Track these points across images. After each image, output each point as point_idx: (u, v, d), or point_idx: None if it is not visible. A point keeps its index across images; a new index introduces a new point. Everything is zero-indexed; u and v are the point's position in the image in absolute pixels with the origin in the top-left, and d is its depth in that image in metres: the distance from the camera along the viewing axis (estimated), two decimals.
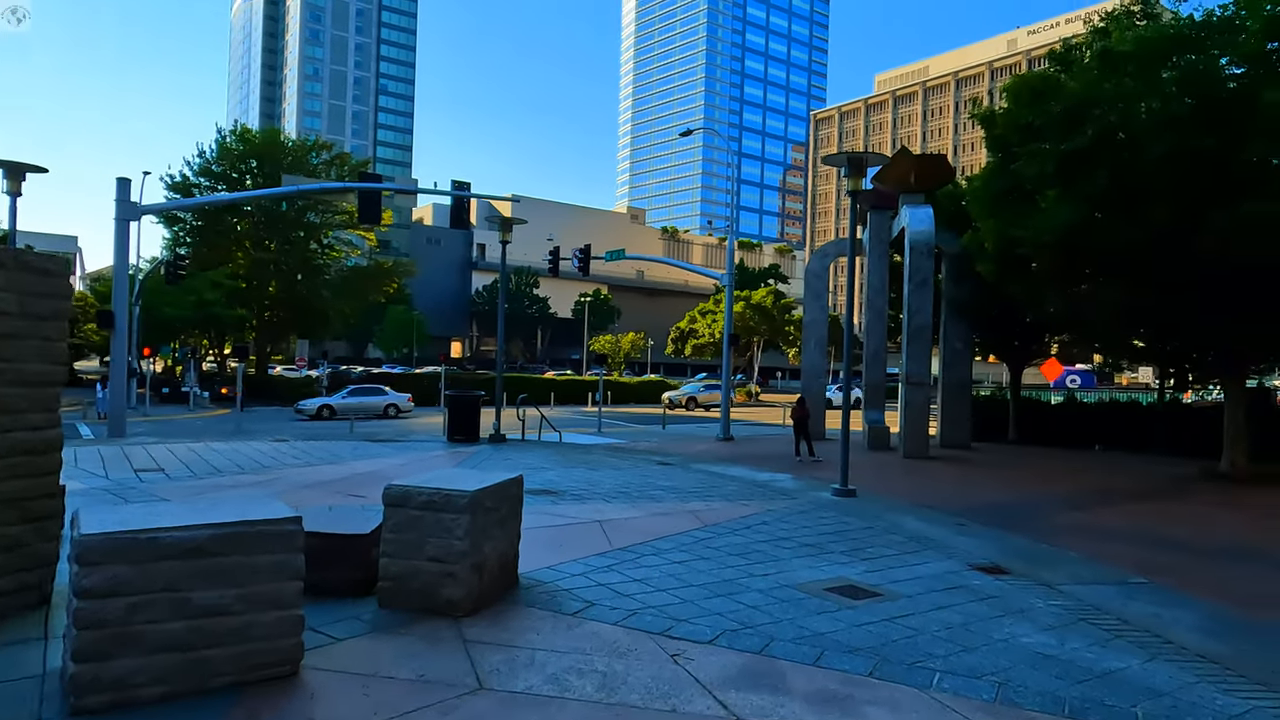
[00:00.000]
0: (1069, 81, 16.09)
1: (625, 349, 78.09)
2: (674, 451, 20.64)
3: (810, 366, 28.79)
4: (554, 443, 20.21)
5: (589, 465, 14.58)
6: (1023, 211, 17.58)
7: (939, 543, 8.72)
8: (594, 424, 30.48)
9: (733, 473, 14.33)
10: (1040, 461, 21.05)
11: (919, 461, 20.47)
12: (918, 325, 21.93)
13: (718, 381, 50.07)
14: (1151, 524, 11.51)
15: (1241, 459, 17.33)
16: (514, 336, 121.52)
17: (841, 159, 11.94)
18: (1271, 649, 5.66)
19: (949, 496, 13.79)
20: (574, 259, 32.92)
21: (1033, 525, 10.99)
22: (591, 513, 9.76)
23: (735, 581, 6.81)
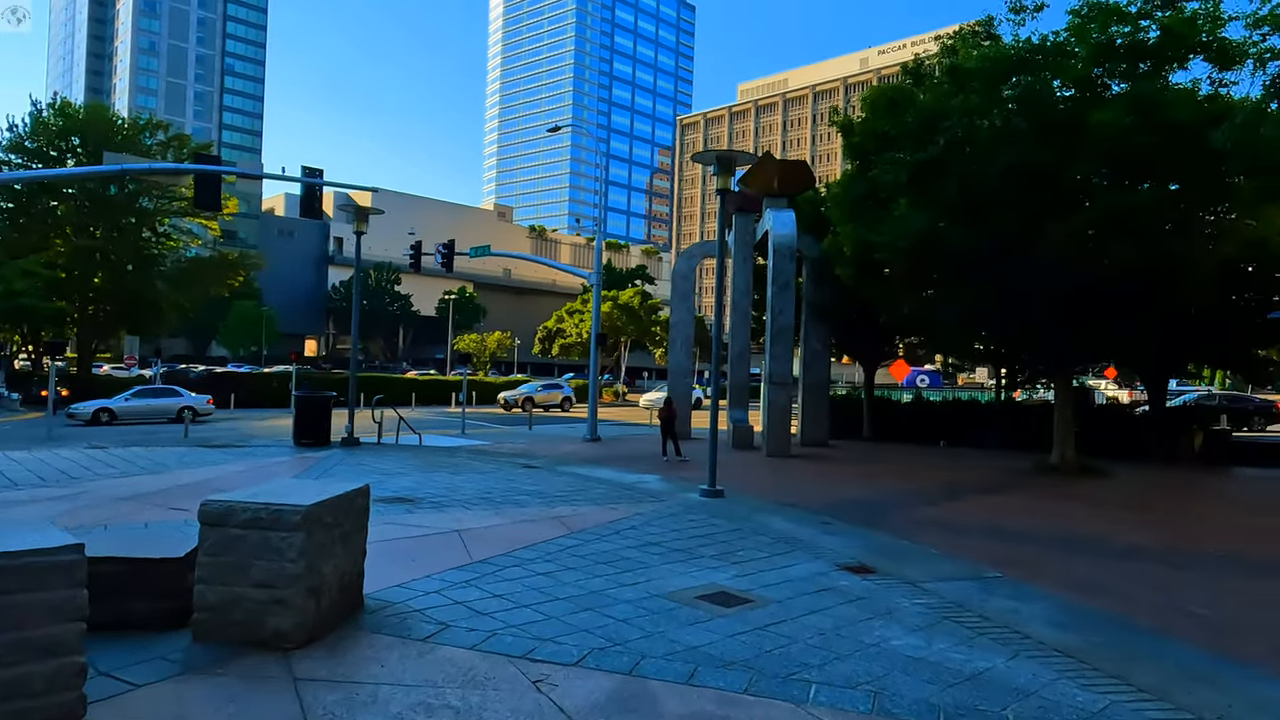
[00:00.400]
0: (921, 95, 16.81)
1: (491, 348, 76.46)
2: (541, 453, 20.10)
3: (676, 366, 28.98)
4: (413, 446, 19.19)
5: (450, 469, 13.83)
6: (879, 218, 18.24)
7: (807, 543, 8.69)
8: (458, 425, 29.43)
9: (600, 475, 13.98)
10: (893, 457, 21.98)
11: (782, 460, 20.88)
12: (780, 326, 22.39)
13: (557, 380, 49.07)
14: (998, 516, 12.08)
15: (1070, 453, 18.68)
16: (374, 335, 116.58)
17: (710, 157, 11.85)
18: (1118, 640, 5.85)
19: (812, 494, 14.03)
20: (437, 255, 31.70)
21: (893, 521, 11.26)
22: (450, 522, 9.12)
23: (604, 593, 6.42)
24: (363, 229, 18.54)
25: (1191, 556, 9.44)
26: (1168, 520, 12.26)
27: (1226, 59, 15.38)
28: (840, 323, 27.04)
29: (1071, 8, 16.73)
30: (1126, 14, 16.06)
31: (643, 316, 66.15)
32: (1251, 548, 10.13)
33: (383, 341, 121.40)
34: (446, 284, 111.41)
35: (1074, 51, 16.46)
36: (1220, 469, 21.20)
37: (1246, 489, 17.18)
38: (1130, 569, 8.60)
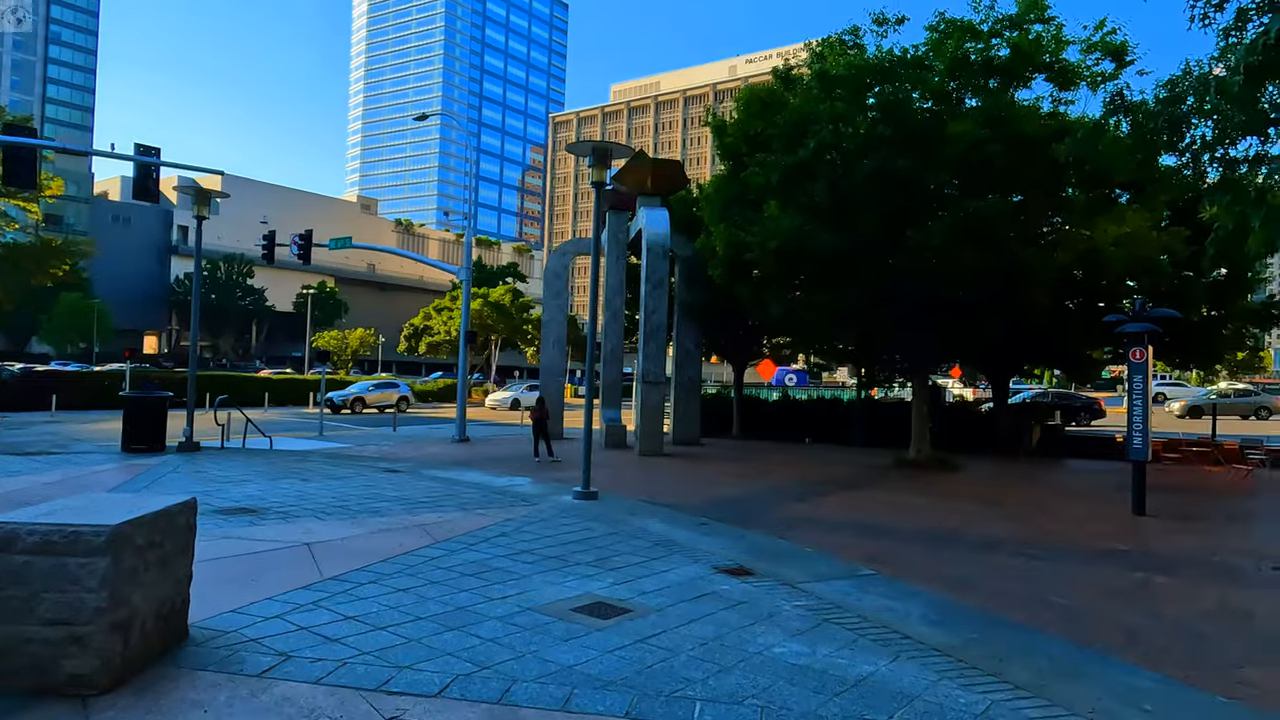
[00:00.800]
0: (792, 98, 17.12)
1: (354, 346, 73.00)
2: (405, 456, 19.10)
3: (549, 365, 28.47)
4: (263, 450, 17.75)
5: (302, 475, 12.77)
6: (751, 218, 18.46)
7: (684, 545, 8.46)
8: (315, 427, 27.68)
9: (469, 478, 13.31)
10: (762, 455, 22.36)
11: (655, 459, 20.79)
12: (654, 325, 22.32)
13: (392, 379, 46.82)
14: (865, 512, 12.35)
15: (926, 448, 19.57)
16: (224, 331, 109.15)
17: (586, 148, 11.47)
18: (991, 636, 5.91)
19: (687, 493, 13.94)
20: (293, 246, 29.74)
21: (767, 519, 11.28)
22: (299, 534, 8.29)
23: (471, 609, 5.91)
24: (204, 213, 16.97)
25: (1041, 547, 9.90)
26: (1016, 512, 12.92)
27: (1066, 79, 16.50)
28: (711, 322, 27.33)
29: (929, 23, 17.49)
30: (979, 32, 16.94)
31: (514, 314, 65.01)
32: (1088, 535, 10.76)
33: (234, 338, 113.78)
34: (305, 278, 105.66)
35: (932, 65, 17.22)
36: (1055, 461, 22.83)
37: (1078, 480, 18.51)
38: (991, 561, 8.89)
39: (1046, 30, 16.79)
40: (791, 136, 16.62)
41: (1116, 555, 9.44)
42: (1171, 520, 12.23)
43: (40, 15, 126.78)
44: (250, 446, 18.65)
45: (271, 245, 29.65)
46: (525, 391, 52.64)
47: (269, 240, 29.82)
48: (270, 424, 31.22)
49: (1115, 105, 10.94)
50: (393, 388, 43.13)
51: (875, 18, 17.79)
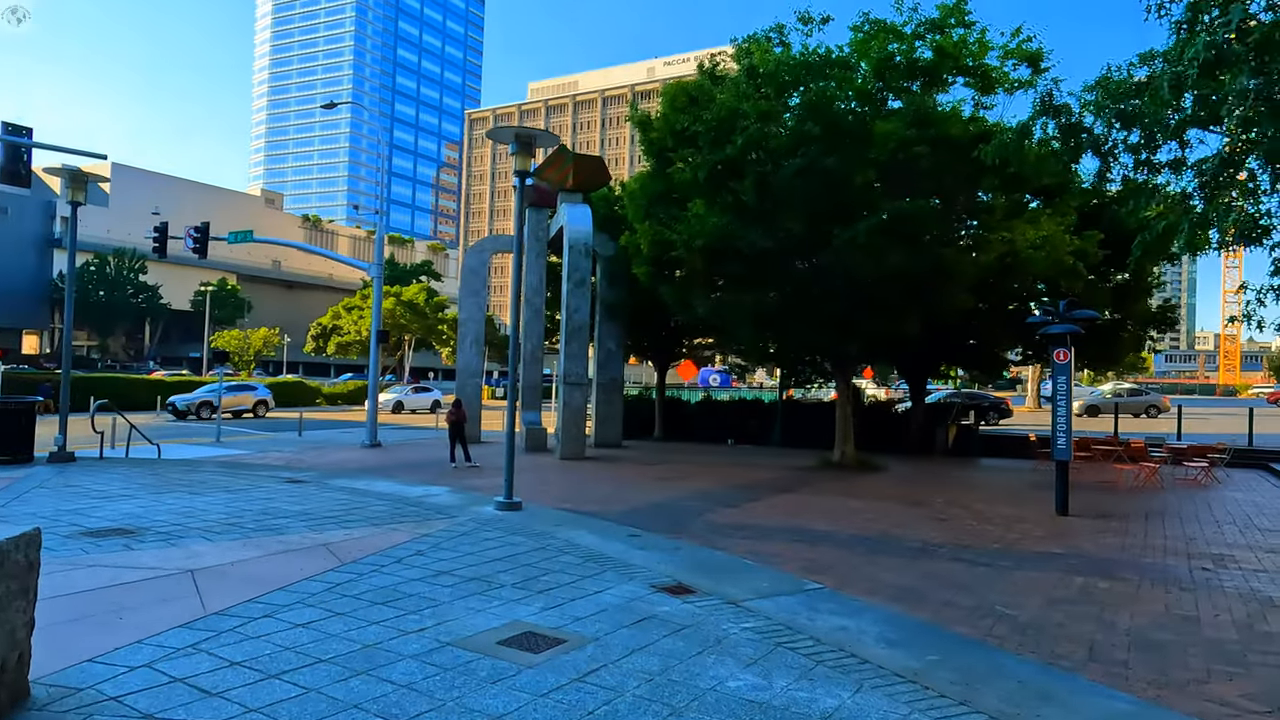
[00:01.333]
0: (720, 94, 16.77)
1: (257, 346, 69.47)
2: (310, 464, 17.89)
3: (466, 366, 27.47)
4: (149, 459, 16.26)
5: (192, 488, 11.58)
6: (676, 216, 18.04)
7: (617, 560, 7.87)
8: (212, 433, 25.91)
9: (380, 488, 12.37)
10: (686, 457, 22.00)
11: (578, 463, 20.17)
12: (576, 324, 21.68)
13: (248, 381, 43.35)
14: (797, 517, 12.03)
15: (850, 449, 19.56)
16: (114, 330, 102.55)
17: (509, 134, 10.74)
18: (951, 656, 5.54)
19: (613, 500, 13.38)
20: (188, 239, 27.87)
21: (698, 527, 10.81)
22: (183, 559, 7.31)
23: (382, 647, 5.16)
24: (80, 199, 15.37)
25: (977, 551, 9.74)
26: (945, 513, 12.85)
27: (987, 83, 16.68)
28: (634, 322, 26.87)
29: (854, 24, 17.43)
30: (903, 34, 16.97)
31: (429, 314, 63.14)
32: (1019, 537, 10.71)
33: (125, 338, 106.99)
34: (204, 274, 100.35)
35: (857, 65, 17.17)
36: (970, 460, 23.27)
37: (996, 479, 18.81)
38: (932, 568, 8.63)
39: (969, 34, 16.95)
40: (719, 132, 16.26)
41: (1052, 558, 9.34)
42: (1093, 519, 12.36)
43: None
44: (135, 456, 17.10)
45: (164, 237, 27.68)
46: (410, 394, 49.53)
47: (160, 232, 27.84)
48: (162, 430, 29.08)
49: (1044, 106, 10.92)
50: (248, 390, 39.59)
51: (800, 16, 17.62)
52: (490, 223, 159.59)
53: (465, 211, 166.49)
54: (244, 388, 39.87)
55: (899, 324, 17.24)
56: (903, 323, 17.26)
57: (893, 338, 18.14)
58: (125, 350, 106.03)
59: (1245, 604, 7.35)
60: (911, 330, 17.60)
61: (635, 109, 19.03)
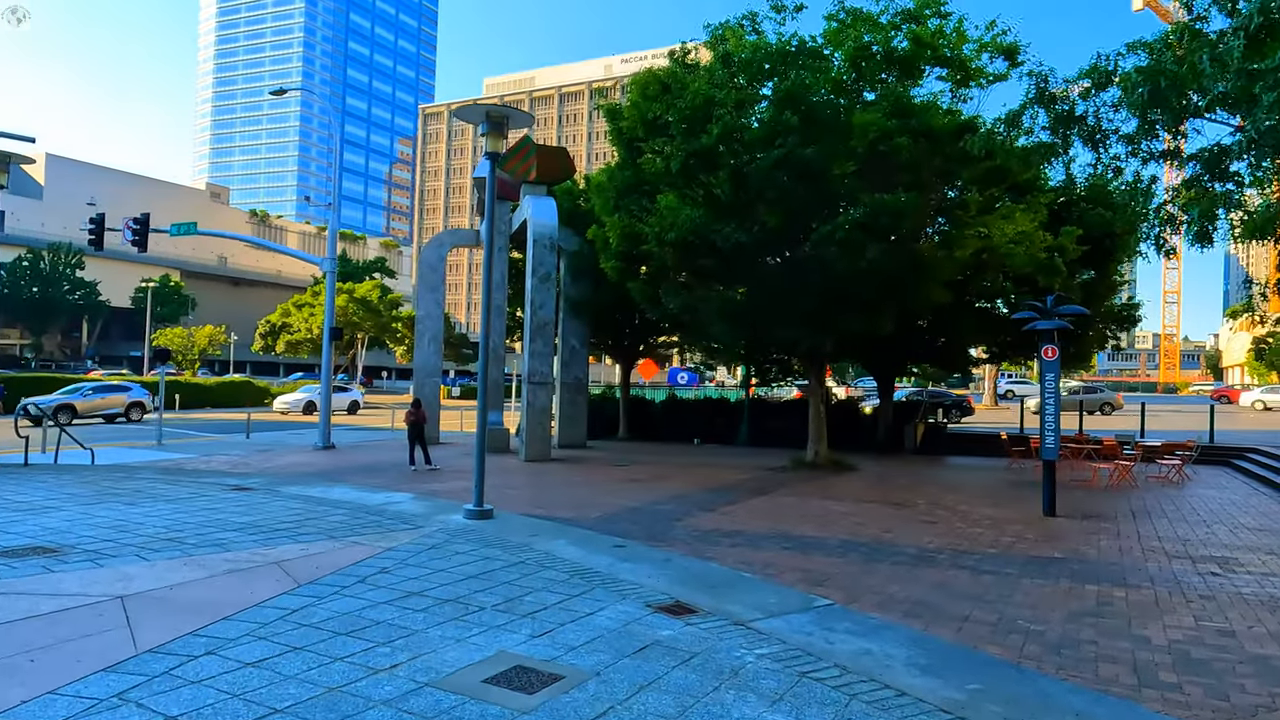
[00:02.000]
0: (693, 82, 16.15)
1: (201, 345, 66.95)
2: (259, 468, 16.85)
3: (424, 365, 26.50)
4: (83, 465, 15.06)
5: (127, 498, 10.56)
6: (647, 208, 17.40)
7: (605, 575, 7.18)
8: (154, 435, 24.52)
9: (337, 495, 11.47)
10: (654, 457, 21.41)
11: (543, 465, 19.43)
12: (541, 321, 20.91)
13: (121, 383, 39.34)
14: (782, 521, 11.47)
15: (824, 449, 19.12)
16: (49, 328, 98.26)
17: (480, 113, 9.97)
18: (994, 686, 4.98)
19: (586, 504, 12.70)
20: (126, 231, 26.35)
21: (682, 534, 10.19)
22: (113, 583, 6.42)
23: (349, 690, 4.40)
24: (1, 181, 14.07)
25: (977, 556, 9.28)
26: (931, 514, 12.42)
27: (965, 75, 16.35)
28: (599, 319, 26.19)
29: (829, 12, 16.97)
30: (879, 24, 16.55)
31: (382, 311, 61.53)
32: (1014, 540, 10.30)
33: (61, 336, 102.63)
34: (146, 270, 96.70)
35: (831, 55, 16.71)
36: (939, 459, 23.07)
37: (972, 478, 18.54)
38: (937, 578, 8.12)
39: (945, 24, 16.61)
40: (693, 122, 15.65)
41: (1054, 564, 8.91)
42: (1081, 520, 12.04)
43: None
44: (67, 462, 15.86)
45: (100, 229, 26.16)
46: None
47: (97, 224, 26.32)
48: (99, 431, 27.49)
49: (1039, 95, 10.53)
50: (121, 391, 34.89)
51: (774, 4, 17.11)
52: (445, 219, 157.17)
53: (419, 208, 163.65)
54: (116, 389, 34.97)
55: (875, 321, 16.84)
56: (879, 319, 16.87)
57: (867, 335, 17.75)
58: (61, 349, 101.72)
59: (1273, 613, 6.96)
60: (887, 327, 17.23)
61: (604, 97, 18.29)
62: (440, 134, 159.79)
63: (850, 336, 17.61)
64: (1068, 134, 11.05)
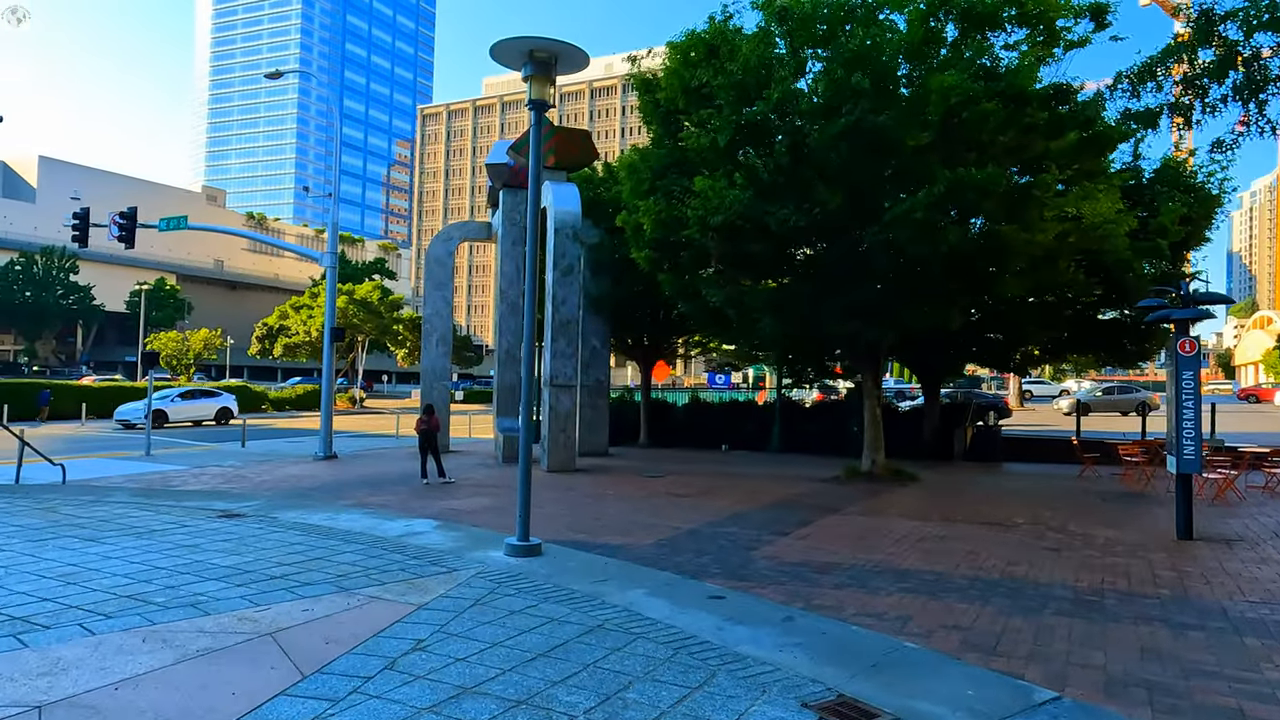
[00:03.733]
0: (745, 43, 14.24)
1: (197, 349, 64.87)
2: (254, 483, 14.95)
3: (432, 368, 24.64)
4: (50, 484, 13.11)
5: (89, 529, 8.63)
6: (688, 189, 15.49)
7: (720, 649, 5.27)
8: (141, 445, 22.60)
9: (346, 522, 9.54)
10: (686, 466, 19.61)
11: (568, 476, 17.59)
12: (563, 318, 19.03)
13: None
14: (874, 550, 9.59)
15: (881, 458, 17.22)
16: (43, 332, 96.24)
17: (521, 51, 8.03)
18: None
19: (635, 528, 10.84)
20: (113, 226, 24.50)
21: (766, 568, 8.31)
22: (33, 678, 4.48)
23: None
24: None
25: (1152, 602, 7.38)
26: (1044, 538, 10.52)
27: (1051, 35, 14.43)
28: (621, 317, 24.34)
29: None
30: None
31: (383, 313, 59.49)
32: (1177, 577, 8.41)
33: (56, 341, 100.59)
34: (141, 274, 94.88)
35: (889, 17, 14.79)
36: (995, 467, 21.19)
37: (1052, 490, 16.63)
38: (1135, 639, 6.19)
39: None
40: (744, 88, 13.75)
41: (1263, 610, 7.02)
42: (1228, 545, 10.13)
43: None
44: (31, 481, 13.92)
45: (85, 225, 24.29)
46: (179, 400, 33.93)
47: (81, 219, 24.41)
48: (86, 441, 25.54)
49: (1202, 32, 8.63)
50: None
51: None
52: (444, 220, 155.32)
53: (418, 209, 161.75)
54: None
55: (944, 313, 14.95)
56: (948, 312, 14.98)
57: (931, 329, 15.86)
58: (56, 355, 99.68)
59: None
60: (956, 321, 15.35)
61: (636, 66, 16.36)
62: (439, 135, 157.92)
63: (913, 331, 15.70)
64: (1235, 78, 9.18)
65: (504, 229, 23.15)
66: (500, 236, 23.23)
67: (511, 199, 23.27)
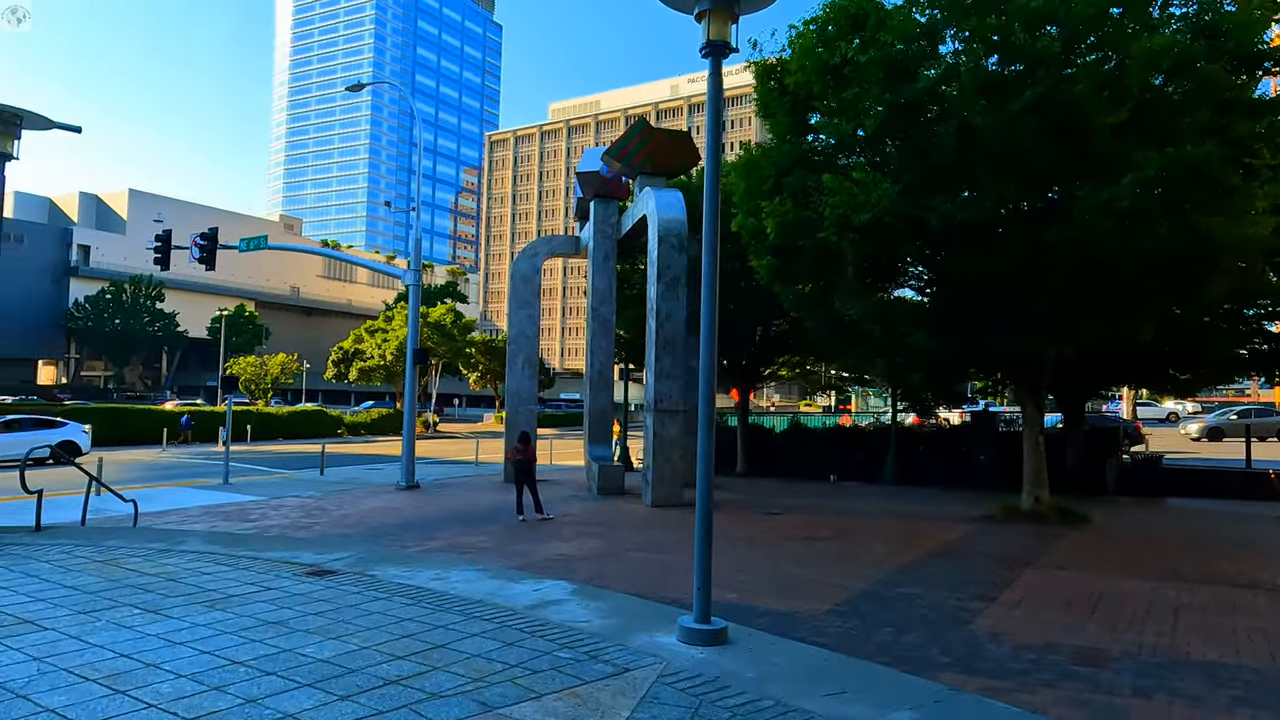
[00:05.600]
0: (897, 11, 12.26)
1: (274, 373, 65.28)
2: (335, 519, 13.45)
3: (518, 390, 23.12)
4: (119, 527, 11.74)
5: (151, 597, 7.00)
6: (818, 188, 13.51)
7: None
8: (219, 471, 21.56)
9: (459, 584, 7.71)
10: (802, 500, 17.65)
11: (676, 513, 15.70)
12: (669, 336, 17.22)
13: None
14: (1130, 625, 7.36)
15: (1046, 494, 14.79)
16: (131, 359, 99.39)
17: None
18: None
19: (789, 584, 8.95)
20: (193, 248, 23.76)
21: (1002, 656, 6.21)
22: None
23: None
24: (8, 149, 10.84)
25: None
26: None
27: None
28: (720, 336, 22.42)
29: None
30: None
31: (456, 336, 58.86)
32: None
33: (142, 367, 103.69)
34: (222, 301, 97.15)
35: None
36: (1158, 501, 18.48)
37: (1257, 533, 13.99)
38: None
39: None
40: (897, 64, 11.76)
41: None
42: None
43: None
44: (106, 513, 12.61)
45: (166, 248, 23.64)
46: None
47: (163, 241, 23.76)
48: (166, 467, 24.72)
49: None
50: None
51: None
52: (511, 245, 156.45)
53: (486, 235, 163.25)
54: None
55: (1134, 324, 12.58)
56: (1139, 322, 12.60)
57: (1114, 343, 13.49)
58: (142, 380, 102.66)
59: None
60: (1148, 334, 12.93)
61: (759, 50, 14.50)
62: (506, 161, 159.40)
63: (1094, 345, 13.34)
64: None
65: (595, 242, 21.53)
66: (591, 250, 21.60)
67: (603, 210, 21.67)
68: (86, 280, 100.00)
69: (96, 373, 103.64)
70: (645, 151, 18.94)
